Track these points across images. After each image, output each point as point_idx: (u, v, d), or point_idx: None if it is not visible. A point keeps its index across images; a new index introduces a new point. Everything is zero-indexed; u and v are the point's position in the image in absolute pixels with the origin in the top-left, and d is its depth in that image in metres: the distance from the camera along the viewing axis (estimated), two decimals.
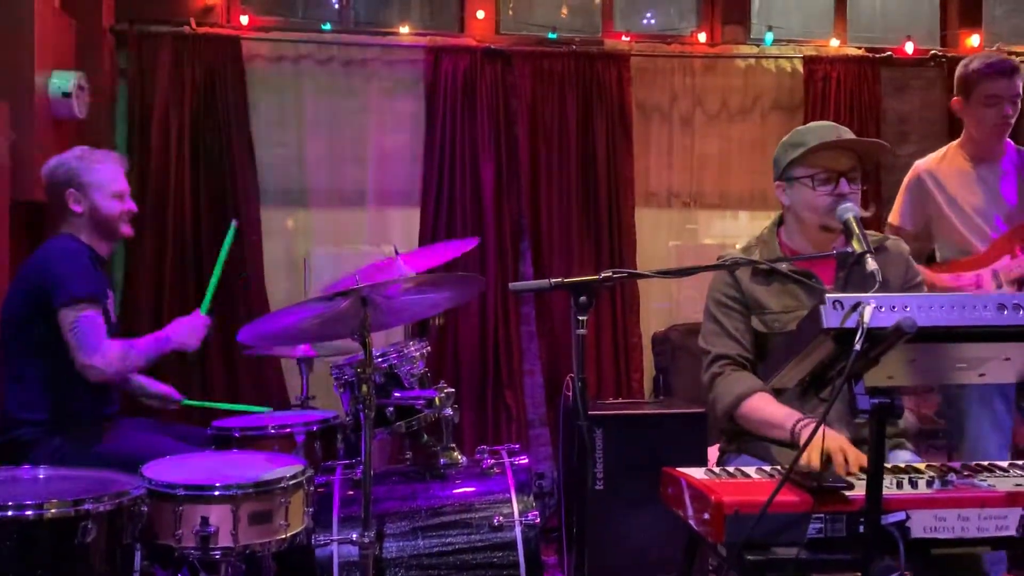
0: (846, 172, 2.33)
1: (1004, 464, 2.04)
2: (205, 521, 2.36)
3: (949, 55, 4.99)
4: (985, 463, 2.07)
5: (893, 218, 3.25)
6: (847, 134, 2.39)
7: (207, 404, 3.27)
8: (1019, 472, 1.96)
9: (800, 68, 4.83)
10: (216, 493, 2.40)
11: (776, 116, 4.88)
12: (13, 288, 2.91)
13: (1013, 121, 3.07)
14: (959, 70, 3.12)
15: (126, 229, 3.02)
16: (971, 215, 3.08)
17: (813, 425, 2.06)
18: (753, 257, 2.44)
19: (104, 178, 2.95)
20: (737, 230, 5.02)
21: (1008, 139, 3.14)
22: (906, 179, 3.24)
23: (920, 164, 3.22)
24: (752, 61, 4.87)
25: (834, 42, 4.96)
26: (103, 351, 2.78)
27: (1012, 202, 3.08)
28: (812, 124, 2.50)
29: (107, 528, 2.13)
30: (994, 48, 4.97)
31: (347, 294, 2.42)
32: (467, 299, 2.83)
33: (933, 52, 5.02)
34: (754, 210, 4.95)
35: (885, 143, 2.49)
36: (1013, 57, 3.11)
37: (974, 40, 5.04)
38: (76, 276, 2.79)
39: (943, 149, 3.23)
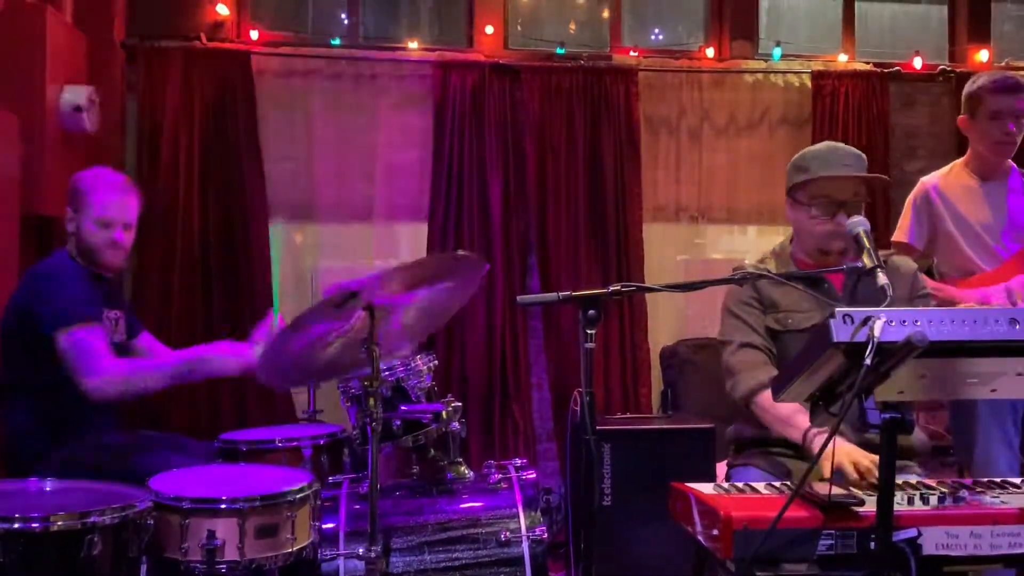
0: (846, 201, 2.36)
1: (1017, 481, 2.02)
2: (212, 534, 2.34)
3: (957, 70, 4.99)
4: (997, 480, 2.05)
5: (899, 235, 3.14)
6: (850, 159, 2.41)
7: None
8: None
9: (808, 83, 4.83)
10: (223, 506, 2.38)
11: (784, 131, 4.88)
12: (9, 305, 2.88)
13: (1018, 140, 3.03)
14: (966, 88, 3.10)
15: (112, 260, 2.91)
16: (979, 232, 3.03)
17: (825, 435, 2.05)
18: (767, 267, 2.47)
19: (95, 203, 2.87)
20: (745, 244, 5.01)
21: (1011, 161, 3.12)
22: (912, 195, 3.16)
23: (927, 180, 3.15)
24: (760, 76, 4.87)
25: (842, 57, 4.96)
26: (101, 371, 2.71)
27: (1022, 221, 3.05)
28: (818, 147, 2.51)
29: (113, 541, 2.11)
30: (1003, 64, 4.97)
31: (347, 297, 2.35)
32: (472, 289, 2.74)
33: (941, 67, 5.02)
34: (762, 224, 4.95)
35: (885, 177, 2.51)
36: (1020, 75, 3.08)
37: (982, 55, 5.04)
38: (64, 297, 2.74)
39: (948, 167, 3.17)
